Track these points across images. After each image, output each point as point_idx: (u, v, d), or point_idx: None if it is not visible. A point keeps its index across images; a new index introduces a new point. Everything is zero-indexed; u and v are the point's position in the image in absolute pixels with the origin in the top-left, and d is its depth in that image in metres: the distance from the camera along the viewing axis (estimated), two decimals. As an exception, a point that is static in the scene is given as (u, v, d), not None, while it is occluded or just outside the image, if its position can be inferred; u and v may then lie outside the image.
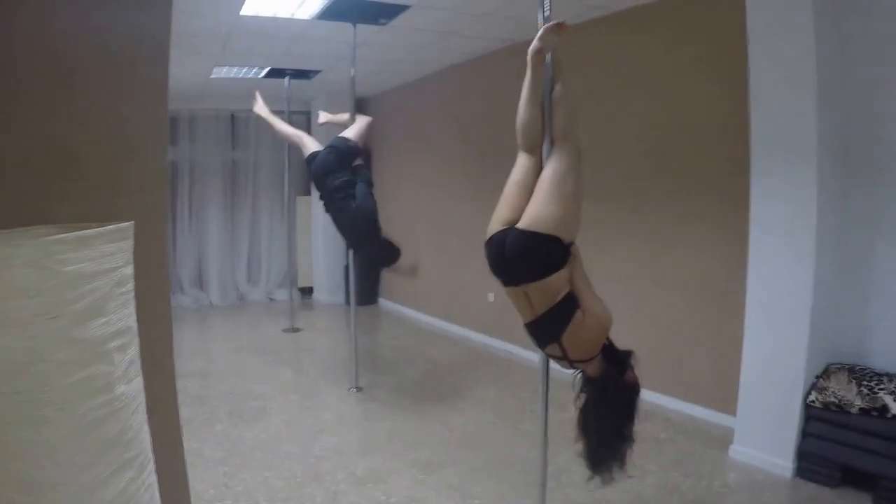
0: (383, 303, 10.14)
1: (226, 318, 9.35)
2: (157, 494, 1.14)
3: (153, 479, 1.13)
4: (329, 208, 5.37)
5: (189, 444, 4.32)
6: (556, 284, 2.69)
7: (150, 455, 1.14)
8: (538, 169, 2.78)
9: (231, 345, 7.65)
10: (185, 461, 1.51)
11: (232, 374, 6.26)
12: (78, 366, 0.92)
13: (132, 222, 1.09)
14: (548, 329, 2.75)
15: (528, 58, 2.74)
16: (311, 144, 5.56)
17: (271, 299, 10.43)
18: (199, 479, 3.91)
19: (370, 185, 5.39)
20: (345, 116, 5.74)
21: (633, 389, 2.92)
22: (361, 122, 5.51)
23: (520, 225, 2.68)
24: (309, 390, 5.81)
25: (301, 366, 6.75)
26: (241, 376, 6.17)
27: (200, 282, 10.26)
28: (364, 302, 9.66)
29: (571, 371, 2.89)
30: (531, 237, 2.64)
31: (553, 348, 2.78)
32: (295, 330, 8.29)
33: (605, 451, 2.83)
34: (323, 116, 6.07)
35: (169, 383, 1.39)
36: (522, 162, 2.86)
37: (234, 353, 7.17)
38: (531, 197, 2.72)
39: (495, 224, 2.79)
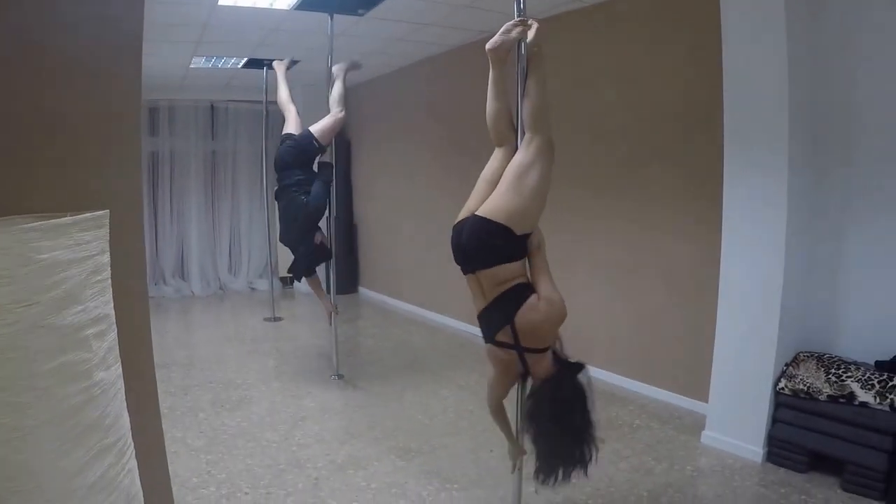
0: (363, 291, 10.17)
1: (207, 308, 9.34)
2: (137, 480, 1.17)
3: (133, 464, 1.16)
4: (279, 198, 5.49)
5: (172, 432, 4.37)
6: (505, 274, 2.73)
7: (130, 441, 1.16)
8: (508, 162, 2.82)
9: (213, 334, 7.66)
10: (165, 448, 1.53)
11: (214, 363, 6.26)
12: (55, 352, 0.94)
13: (107, 211, 1.10)
14: (500, 311, 2.76)
15: (487, 53, 2.80)
16: (290, 123, 5.61)
17: (252, 289, 10.43)
18: (183, 467, 3.94)
19: (327, 184, 5.43)
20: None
21: (583, 392, 2.85)
22: (334, 118, 5.50)
23: (477, 212, 2.73)
24: (290, 379, 5.83)
25: (282, 355, 6.76)
26: (223, 366, 6.18)
27: (182, 272, 10.24)
28: (344, 291, 9.69)
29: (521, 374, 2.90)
30: (484, 224, 2.68)
31: (504, 333, 2.77)
32: (276, 319, 8.31)
33: (559, 457, 2.82)
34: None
35: (148, 370, 1.40)
36: (495, 154, 2.92)
37: (216, 342, 7.18)
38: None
39: (462, 213, 2.84)
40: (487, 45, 2.82)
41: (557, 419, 2.76)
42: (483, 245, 2.72)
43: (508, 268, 2.73)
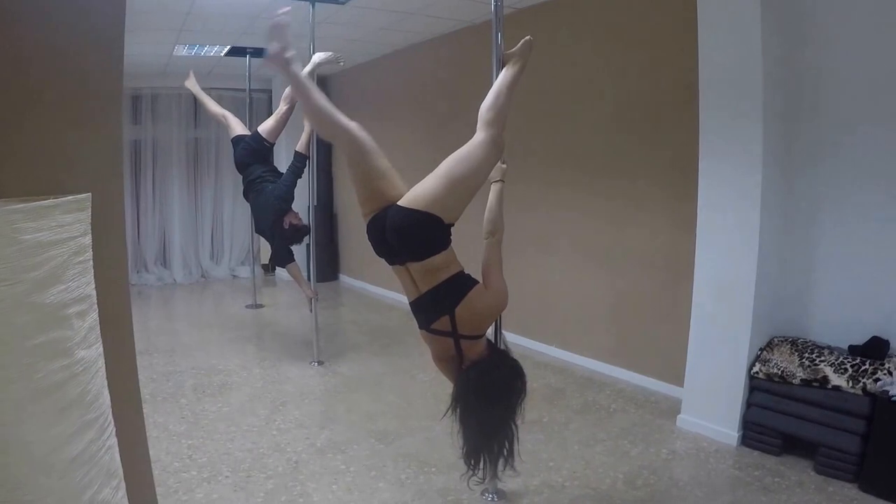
0: (344, 279, 10.20)
1: (190, 295, 9.34)
2: (117, 456, 1.20)
3: (113, 441, 1.19)
4: (247, 194, 5.67)
5: (153, 418, 4.41)
6: (438, 262, 2.69)
7: (111, 419, 1.19)
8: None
9: (195, 322, 7.66)
10: (145, 427, 1.57)
11: (196, 350, 6.28)
12: (38, 330, 0.98)
13: (89, 194, 1.14)
14: (440, 301, 2.72)
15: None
16: (235, 126, 5.79)
17: (234, 276, 10.44)
18: (164, 452, 3.98)
19: (295, 173, 5.48)
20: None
21: (519, 372, 2.83)
22: (277, 115, 5.60)
23: (401, 203, 2.65)
24: (271, 365, 5.86)
25: (264, 341, 6.80)
26: (205, 352, 6.20)
27: (164, 260, 10.21)
28: (325, 278, 9.71)
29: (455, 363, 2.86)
30: (413, 215, 2.61)
31: (442, 322, 2.74)
32: (258, 306, 8.33)
33: (487, 442, 2.78)
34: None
35: (128, 350, 1.44)
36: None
37: (198, 329, 7.19)
38: None
39: (370, 204, 2.77)
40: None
41: (485, 401, 2.72)
42: (414, 237, 2.65)
43: (440, 256, 2.68)
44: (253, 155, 5.53)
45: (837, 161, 4.02)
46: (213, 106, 5.94)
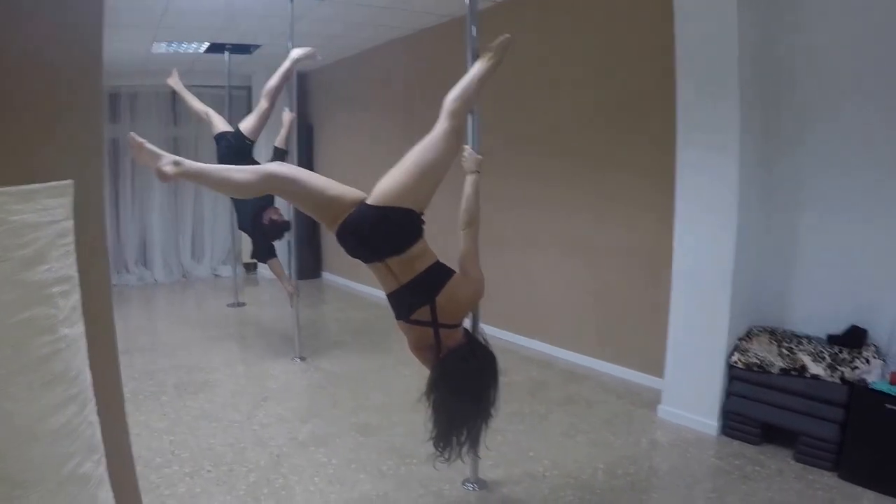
0: (327, 276, 10.21)
1: (171, 295, 9.32)
2: (98, 432, 1.23)
3: (95, 418, 1.23)
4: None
5: (135, 416, 4.42)
6: (415, 252, 2.74)
7: (92, 395, 1.23)
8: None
9: (176, 321, 7.65)
10: (123, 405, 1.59)
11: (178, 348, 6.27)
12: (24, 307, 1.01)
13: (72, 181, 1.17)
14: (420, 292, 2.78)
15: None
16: (218, 123, 5.80)
17: (216, 275, 10.42)
18: (146, 448, 3.98)
19: None
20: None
21: (493, 360, 2.89)
22: (258, 112, 5.62)
23: (370, 201, 2.70)
24: (253, 362, 5.87)
25: (246, 339, 6.81)
26: (187, 350, 6.20)
27: (145, 260, 10.16)
28: (308, 276, 9.75)
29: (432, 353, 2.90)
30: (388, 213, 2.67)
31: (422, 312, 2.80)
32: (239, 304, 8.33)
33: (458, 428, 2.83)
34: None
35: (109, 332, 1.47)
36: None
37: (180, 328, 7.17)
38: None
39: (341, 209, 2.78)
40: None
41: (461, 388, 2.78)
42: (393, 232, 2.71)
43: (417, 245, 2.75)
44: (234, 153, 5.55)
45: (816, 150, 4.06)
46: (195, 103, 5.95)
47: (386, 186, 2.69)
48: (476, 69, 2.97)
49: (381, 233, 2.70)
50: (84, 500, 1.15)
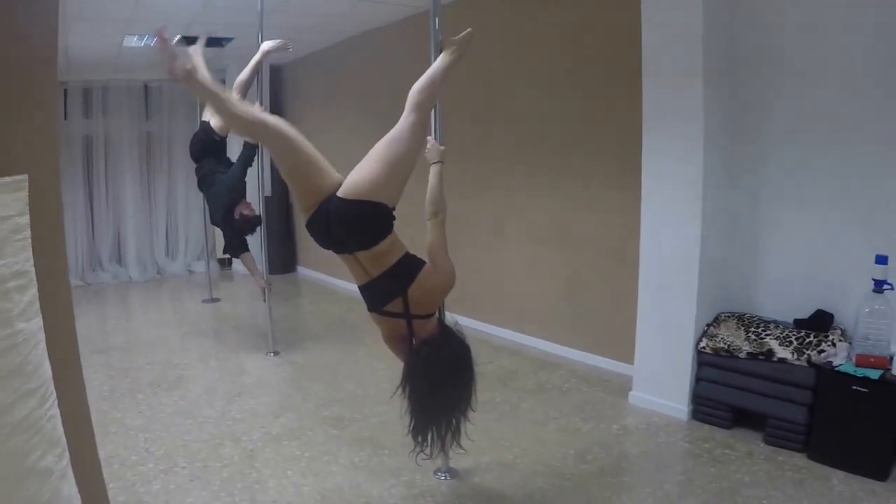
0: (301, 271, 10.19)
1: (146, 292, 9.24)
2: (59, 426, 1.24)
3: (56, 412, 1.24)
4: (200, 187, 5.74)
5: (111, 414, 4.42)
6: (385, 247, 2.74)
7: (52, 390, 1.23)
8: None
9: (151, 318, 7.63)
10: (87, 398, 1.60)
11: (152, 346, 6.25)
12: (-21, 301, 1.02)
13: (25, 175, 1.18)
14: (392, 284, 2.79)
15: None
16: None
17: (190, 272, 10.35)
18: (122, 446, 3.98)
19: (245, 163, 5.51)
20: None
21: (467, 349, 2.91)
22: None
23: (340, 193, 2.69)
24: (227, 357, 5.87)
25: (220, 334, 6.79)
26: (162, 348, 6.18)
27: (119, 257, 10.08)
28: (283, 270, 9.75)
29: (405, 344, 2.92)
30: (357, 206, 2.65)
31: (395, 304, 2.82)
32: (214, 300, 8.30)
33: (435, 419, 2.86)
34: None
35: (69, 326, 1.48)
36: None
37: (155, 326, 7.14)
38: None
39: (311, 198, 2.81)
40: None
41: (436, 378, 2.79)
42: (362, 228, 2.70)
43: (387, 240, 2.74)
44: (202, 149, 5.56)
45: (781, 138, 4.09)
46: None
47: (357, 179, 2.68)
48: (439, 62, 3.00)
49: (346, 227, 2.70)
50: (46, 493, 1.16)
